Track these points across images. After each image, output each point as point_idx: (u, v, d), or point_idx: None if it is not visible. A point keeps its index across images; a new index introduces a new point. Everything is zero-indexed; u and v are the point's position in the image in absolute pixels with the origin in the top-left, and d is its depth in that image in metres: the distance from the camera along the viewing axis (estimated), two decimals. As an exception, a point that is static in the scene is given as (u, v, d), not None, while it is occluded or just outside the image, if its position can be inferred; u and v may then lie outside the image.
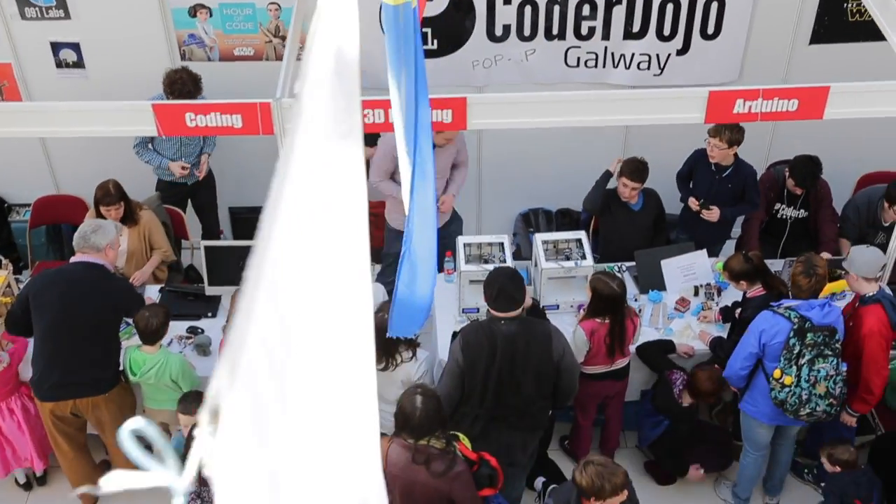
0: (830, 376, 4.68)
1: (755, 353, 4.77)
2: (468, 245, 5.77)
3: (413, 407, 4.03)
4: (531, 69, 6.48)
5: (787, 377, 4.67)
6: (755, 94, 4.37)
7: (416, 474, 4.06)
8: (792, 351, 4.65)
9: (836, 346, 4.68)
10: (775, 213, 6.30)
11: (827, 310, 4.67)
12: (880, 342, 4.77)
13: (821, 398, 4.71)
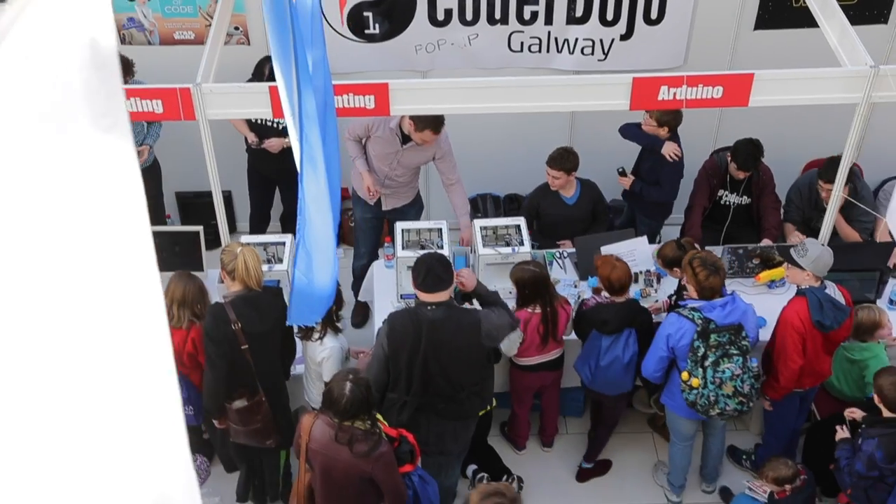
0: (737, 375, 4.61)
1: (666, 356, 4.76)
2: (406, 231, 5.75)
3: (341, 392, 4.05)
4: (475, 54, 6.43)
5: (695, 379, 4.64)
6: (679, 81, 4.35)
7: (339, 453, 4.10)
8: (697, 353, 4.61)
9: (743, 344, 4.63)
10: (718, 199, 6.30)
11: (729, 308, 4.62)
12: (792, 335, 4.76)
13: (729, 398, 4.65)
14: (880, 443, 4.43)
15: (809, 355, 4.83)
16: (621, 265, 5.07)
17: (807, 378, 4.97)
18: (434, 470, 5.08)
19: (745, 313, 4.71)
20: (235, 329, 4.46)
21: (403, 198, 6.21)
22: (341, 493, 4.24)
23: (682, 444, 5.26)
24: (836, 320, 4.74)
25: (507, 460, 5.73)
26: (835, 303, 4.75)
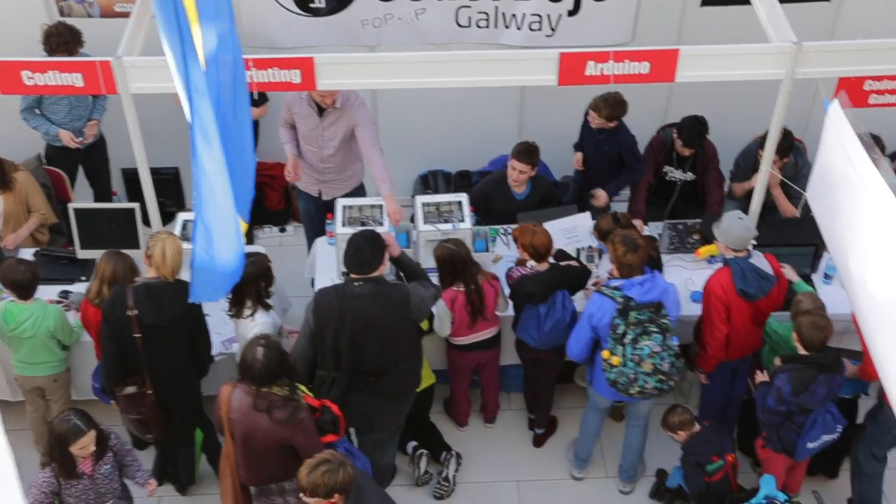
0: (656, 353, 4.61)
1: (590, 335, 4.77)
2: (348, 208, 5.73)
3: (254, 358, 4.07)
4: (422, 28, 6.40)
5: (615, 358, 4.65)
6: (606, 57, 4.34)
7: (258, 420, 4.12)
8: (616, 331, 4.61)
9: (663, 322, 4.62)
10: (664, 175, 6.30)
11: (649, 286, 4.62)
12: (716, 304, 4.80)
13: (648, 375, 4.65)
14: (790, 377, 4.53)
15: (736, 325, 4.87)
16: (541, 230, 5.07)
17: (736, 349, 5.01)
18: (369, 448, 5.11)
19: (666, 291, 4.69)
20: (131, 316, 4.43)
21: (344, 186, 6.11)
22: (262, 461, 4.27)
23: (593, 414, 5.29)
24: (760, 289, 4.77)
25: (450, 437, 5.76)
26: (759, 272, 4.78)
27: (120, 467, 4.38)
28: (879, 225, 3.65)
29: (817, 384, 4.50)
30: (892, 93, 4.50)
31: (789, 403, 4.55)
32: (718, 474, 5.06)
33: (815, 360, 4.49)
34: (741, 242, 4.77)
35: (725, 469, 5.05)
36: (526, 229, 5.13)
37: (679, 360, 4.74)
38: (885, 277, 3.60)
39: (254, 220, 7.09)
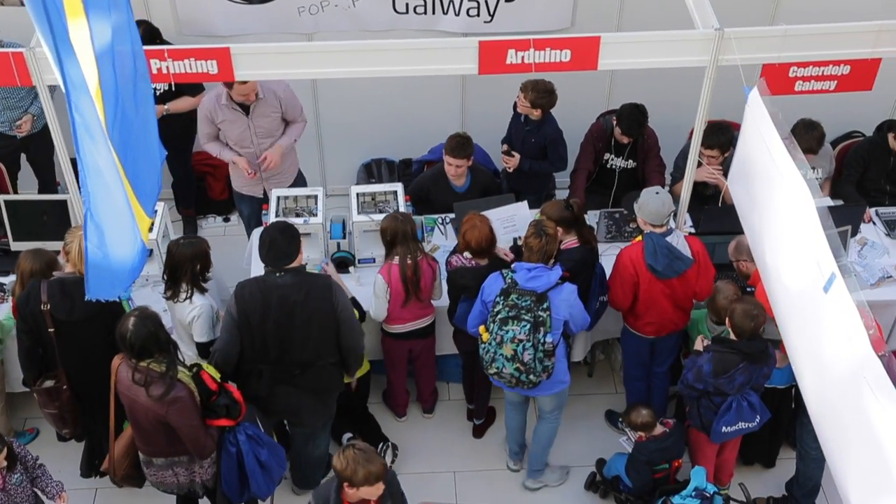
0: (519, 340, 4.51)
1: (480, 309, 4.74)
2: (283, 198, 5.67)
3: (126, 327, 4.02)
4: (359, 16, 6.32)
5: (486, 333, 4.63)
6: (526, 45, 4.28)
7: (138, 394, 4.10)
8: (494, 308, 4.59)
9: (540, 315, 4.51)
10: (605, 163, 6.26)
11: (535, 274, 4.54)
12: (620, 272, 4.90)
13: (507, 360, 4.57)
14: (712, 357, 4.56)
15: (645, 299, 4.91)
16: (482, 226, 4.96)
17: (648, 325, 5.04)
18: (301, 440, 5.08)
19: (560, 291, 4.59)
20: (44, 310, 4.38)
21: (286, 179, 6.12)
22: (149, 435, 4.26)
23: (509, 407, 5.27)
24: (670, 268, 4.77)
25: (388, 428, 5.73)
26: (672, 250, 4.76)
27: (31, 479, 4.33)
28: (793, 215, 3.63)
29: (738, 371, 4.51)
30: (819, 79, 4.46)
31: (707, 383, 4.57)
32: (660, 474, 5.08)
33: (740, 348, 4.49)
34: (658, 217, 4.75)
35: (669, 471, 5.06)
36: (469, 221, 5.04)
37: (550, 360, 4.59)
38: (796, 268, 3.58)
39: (197, 209, 7.06)
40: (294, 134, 5.99)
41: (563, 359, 4.75)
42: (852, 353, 3.10)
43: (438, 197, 5.99)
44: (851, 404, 3.11)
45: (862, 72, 4.40)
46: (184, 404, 4.08)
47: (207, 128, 5.83)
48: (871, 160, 6.13)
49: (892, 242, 5.81)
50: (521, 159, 6.05)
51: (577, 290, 4.70)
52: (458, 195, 5.95)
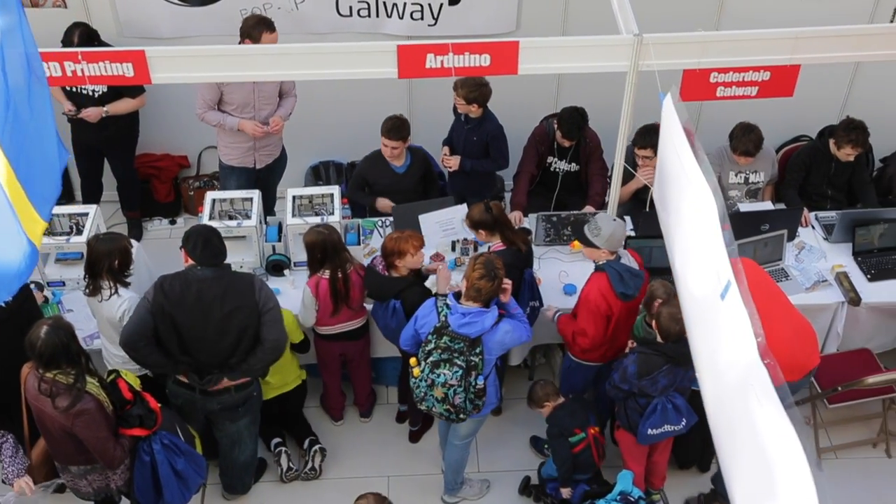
0: (451, 385, 4.43)
1: (413, 335, 4.66)
2: (221, 201, 5.66)
3: (37, 336, 3.97)
4: (303, 18, 6.31)
5: (416, 369, 4.54)
6: (445, 49, 4.27)
7: (44, 404, 4.06)
8: (426, 346, 4.47)
9: (473, 360, 4.40)
10: (548, 166, 6.26)
11: (469, 320, 4.36)
12: (593, 311, 4.78)
13: (437, 401, 4.52)
14: (637, 359, 4.56)
15: (617, 326, 4.86)
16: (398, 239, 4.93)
17: (609, 351, 5.00)
18: (227, 444, 5.06)
19: (495, 333, 4.42)
20: None
21: (274, 152, 6.33)
22: (59, 443, 4.23)
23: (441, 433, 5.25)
24: (636, 287, 4.76)
25: (325, 431, 5.72)
26: (632, 271, 4.76)
27: None
28: (698, 221, 3.62)
29: (661, 373, 4.51)
30: (740, 85, 4.46)
31: (632, 384, 4.57)
32: (581, 445, 5.04)
33: (665, 350, 4.49)
34: (618, 243, 4.72)
35: (588, 441, 5.03)
36: (395, 234, 5.02)
37: (480, 399, 4.51)
38: (699, 274, 3.57)
39: (143, 212, 7.04)
40: (289, 107, 6.19)
41: (493, 385, 4.66)
42: (742, 361, 3.10)
43: (380, 181, 5.99)
44: (740, 411, 3.10)
45: (782, 78, 4.41)
46: (90, 416, 4.03)
47: (210, 93, 5.86)
48: (813, 165, 6.13)
49: (829, 246, 5.81)
50: (463, 159, 6.04)
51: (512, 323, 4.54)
52: (397, 175, 5.94)
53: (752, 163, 6.07)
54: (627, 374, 4.57)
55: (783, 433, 2.82)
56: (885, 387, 5.42)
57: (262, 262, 5.59)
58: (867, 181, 6.18)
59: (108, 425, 4.16)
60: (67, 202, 6.92)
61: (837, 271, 5.59)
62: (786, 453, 2.80)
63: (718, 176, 6.12)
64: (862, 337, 5.66)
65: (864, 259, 5.69)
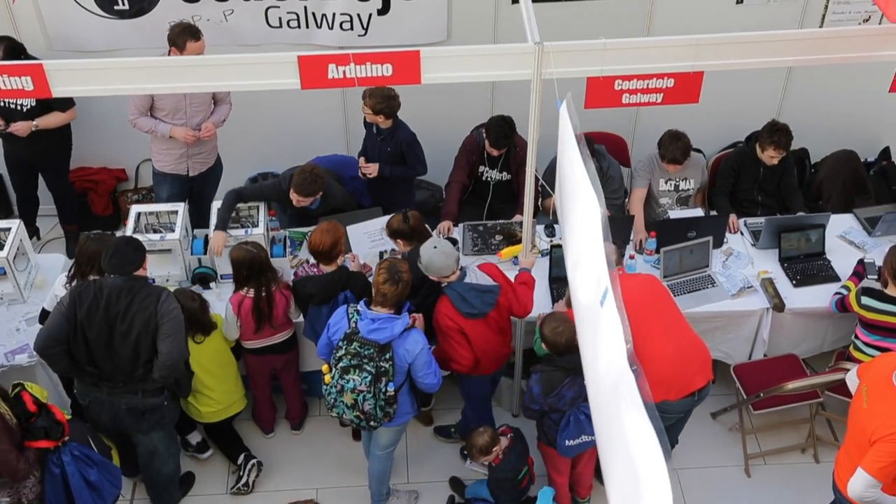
0: (360, 391, 4.43)
1: (327, 343, 4.64)
2: (147, 214, 5.65)
3: None
4: (233, 30, 6.30)
5: (328, 376, 4.54)
6: (346, 60, 4.25)
7: None
8: (337, 352, 4.48)
9: (383, 366, 4.40)
10: (480, 175, 6.26)
11: (378, 325, 4.38)
12: (446, 334, 4.76)
13: (348, 407, 4.52)
14: (539, 378, 4.57)
15: (480, 343, 4.82)
16: (333, 231, 4.97)
17: (491, 363, 4.97)
18: (145, 456, 5.03)
19: (405, 340, 4.44)
20: None
21: (207, 160, 6.32)
22: None
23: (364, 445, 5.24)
24: (485, 303, 4.71)
25: (256, 444, 5.70)
26: (477, 287, 4.69)
27: None
28: (585, 229, 3.63)
29: (564, 387, 4.50)
30: (645, 92, 4.44)
31: (540, 403, 4.58)
32: (527, 478, 5.07)
33: (561, 364, 4.49)
34: (447, 269, 4.65)
35: (531, 470, 5.06)
36: (318, 228, 5.04)
37: (391, 406, 4.51)
38: (585, 281, 3.57)
39: (81, 225, 7.02)
40: (222, 114, 6.19)
41: (406, 394, 4.65)
42: (615, 366, 3.10)
43: (289, 208, 5.91)
44: (614, 416, 3.11)
45: (686, 85, 4.39)
46: None
47: (142, 99, 5.88)
48: (741, 170, 6.15)
49: (757, 253, 5.82)
50: (381, 165, 6.02)
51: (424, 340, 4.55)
52: (312, 210, 5.85)
53: (681, 170, 6.08)
54: (534, 395, 4.57)
55: (646, 439, 2.82)
56: (810, 392, 5.42)
57: (188, 275, 5.57)
58: (795, 186, 6.19)
59: (9, 438, 4.13)
60: (6, 216, 6.92)
61: (763, 277, 5.59)
62: (647, 459, 2.80)
63: (649, 184, 6.13)
64: (789, 342, 5.66)
65: (790, 265, 5.69)
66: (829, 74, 6.55)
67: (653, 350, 4.71)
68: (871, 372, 4.26)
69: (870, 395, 4.16)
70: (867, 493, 4.08)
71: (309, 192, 5.58)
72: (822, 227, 5.72)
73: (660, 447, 2.75)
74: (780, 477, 5.55)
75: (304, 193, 5.56)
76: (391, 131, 5.89)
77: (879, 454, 4.01)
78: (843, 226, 6.00)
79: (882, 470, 4.02)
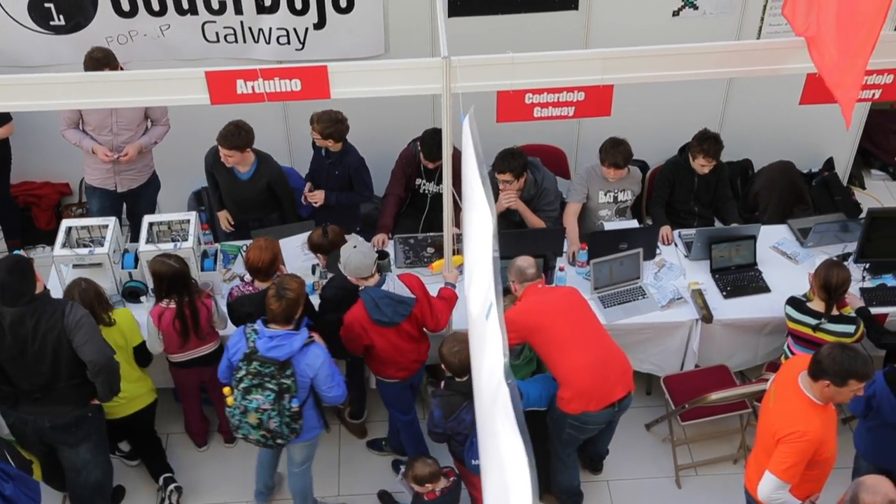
0: (264, 409, 4.44)
1: (228, 366, 4.64)
2: (78, 228, 5.65)
3: None
4: (170, 45, 6.32)
5: (230, 398, 4.54)
6: (254, 75, 4.28)
7: None
8: (237, 374, 4.49)
9: (285, 383, 4.42)
10: (417, 188, 6.27)
11: (278, 342, 4.40)
12: (348, 336, 4.82)
13: (253, 428, 4.52)
14: (439, 402, 4.57)
15: (387, 350, 4.85)
16: (269, 247, 4.99)
17: (401, 370, 4.99)
18: (72, 472, 5.02)
19: (304, 355, 4.46)
20: None
21: (139, 177, 6.30)
22: None
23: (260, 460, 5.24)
24: (397, 313, 4.72)
25: (188, 458, 5.71)
26: (393, 297, 4.71)
27: None
28: (479, 242, 3.64)
29: (462, 410, 4.51)
30: (556, 105, 4.47)
31: (442, 427, 4.58)
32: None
33: (457, 388, 4.51)
34: (363, 270, 4.67)
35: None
36: (254, 245, 5.06)
37: (297, 422, 4.52)
38: (476, 294, 3.58)
39: (24, 240, 7.02)
40: (155, 135, 6.18)
41: (312, 408, 4.65)
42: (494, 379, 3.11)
43: (222, 179, 5.96)
44: (491, 429, 3.12)
45: (597, 98, 4.42)
46: None
47: (70, 112, 5.90)
48: (676, 180, 6.16)
49: (690, 264, 5.83)
50: (328, 193, 6.04)
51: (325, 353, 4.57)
52: (239, 181, 5.90)
53: (620, 181, 6.09)
54: (435, 420, 4.58)
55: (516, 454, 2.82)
56: (740, 403, 5.42)
57: (118, 289, 5.57)
58: (729, 197, 6.20)
59: None
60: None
61: (693, 289, 5.60)
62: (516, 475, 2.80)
63: (585, 198, 6.14)
64: (721, 354, 5.66)
65: (721, 276, 5.70)
66: (771, 85, 6.55)
67: (572, 362, 4.74)
68: (781, 374, 4.31)
69: (777, 395, 4.19)
70: (775, 495, 4.10)
71: (234, 145, 5.58)
72: (753, 239, 5.73)
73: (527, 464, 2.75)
74: (710, 487, 5.55)
75: (228, 145, 5.58)
76: (340, 155, 5.92)
77: (783, 454, 4.03)
78: (777, 237, 6.01)
79: (788, 470, 4.03)
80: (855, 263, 5.65)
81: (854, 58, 3.63)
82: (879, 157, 7.62)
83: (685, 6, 6.38)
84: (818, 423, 4.02)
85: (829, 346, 4.02)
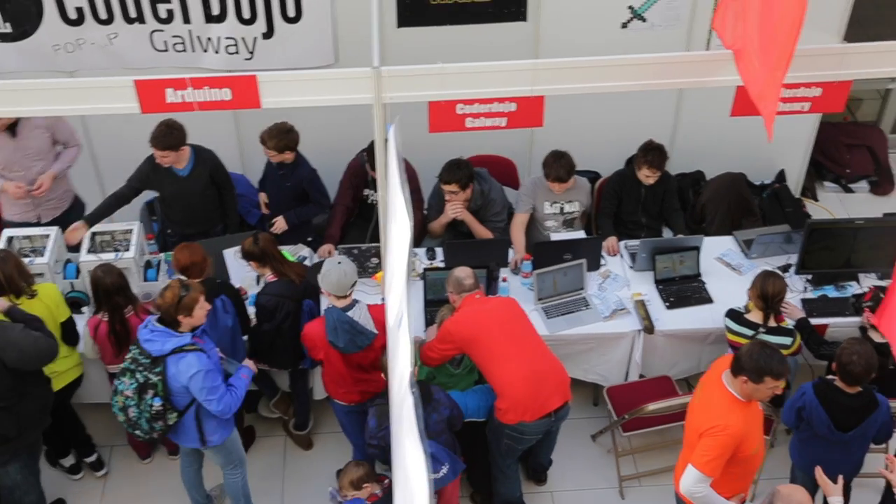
0: (127, 396, 4.48)
1: None
2: (21, 238, 5.63)
3: None
4: (118, 53, 6.29)
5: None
6: (184, 84, 4.27)
7: None
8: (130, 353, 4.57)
9: (152, 378, 4.44)
10: (365, 198, 6.27)
11: (153, 336, 4.44)
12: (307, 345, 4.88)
13: (119, 409, 4.55)
14: (375, 411, 4.57)
15: (339, 371, 4.84)
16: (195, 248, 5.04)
17: (345, 394, 4.98)
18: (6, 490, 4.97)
19: (178, 361, 4.42)
20: None
21: (61, 205, 6.21)
22: None
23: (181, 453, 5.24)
24: (352, 343, 4.69)
25: (132, 469, 5.68)
26: (354, 325, 4.68)
27: None
28: (397, 251, 3.65)
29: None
30: (488, 116, 4.47)
31: (378, 438, 4.54)
32: None
33: None
34: (340, 288, 4.67)
35: None
36: (177, 248, 5.08)
37: (158, 422, 4.52)
38: (393, 304, 3.58)
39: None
40: (67, 159, 6.08)
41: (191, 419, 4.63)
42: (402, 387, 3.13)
43: (164, 186, 5.91)
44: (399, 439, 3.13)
45: (529, 109, 4.41)
46: None
47: None
48: (623, 191, 6.18)
49: (634, 275, 5.84)
50: (286, 215, 6.05)
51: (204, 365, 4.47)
52: (181, 179, 5.86)
53: (566, 192, 6.09)
54: (370, 429, 4.55)
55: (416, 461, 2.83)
56: (681, 412, 5.41)
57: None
58: (676, 208, 6.22)
59: None
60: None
61: (636, 299, 5.61)
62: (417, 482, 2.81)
63: (532, 209, 6.14)
64: (664, 364, 5.68)
65: (665, 287, 5.72)
66: (723, 97, 6.54)
67: (508, 373, 4.73)
68: (708, 372, 4.37)
69: (702, 392, 4.25)
70: (695, 488, 4.12)
71: (167, 145, 5.53)
72: (697, 250, 5.75)
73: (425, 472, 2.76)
74: (653, 498, 5.54)
75: (161, 146, 5.54)
76: (292, 167, 5.94)
77: (705, 448, 4.06)
78: (723, 248, 6.03)
79: (709, 464, 4.05)
80: (796, 274, 5.67)
81: (773, 70, 3.64)
82: (832, 170, 7.66)
83: (633, 18, 6.41)
84: (740, 418, 4.06)
85: (750, 344, 4.10)
